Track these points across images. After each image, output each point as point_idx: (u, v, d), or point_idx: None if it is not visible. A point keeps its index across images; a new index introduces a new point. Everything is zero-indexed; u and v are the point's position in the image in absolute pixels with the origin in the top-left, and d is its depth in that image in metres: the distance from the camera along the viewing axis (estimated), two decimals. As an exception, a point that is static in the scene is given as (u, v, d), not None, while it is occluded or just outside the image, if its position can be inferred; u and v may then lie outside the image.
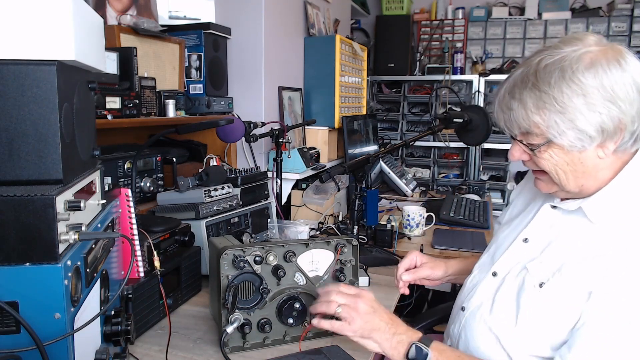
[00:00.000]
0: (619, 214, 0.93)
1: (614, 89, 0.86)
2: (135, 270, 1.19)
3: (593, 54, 0.88)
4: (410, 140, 1.97)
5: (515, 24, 4.12)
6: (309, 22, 2.70)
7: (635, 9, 3.78)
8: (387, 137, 3.82)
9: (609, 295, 0.87)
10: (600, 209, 0.95)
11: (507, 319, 1.02)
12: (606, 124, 0.87)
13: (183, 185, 1.57)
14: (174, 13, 2.07)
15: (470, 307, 1.13)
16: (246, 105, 2.25)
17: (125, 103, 1.53)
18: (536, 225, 1.07)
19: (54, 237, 0.68)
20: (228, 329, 1.08)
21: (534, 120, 0.91)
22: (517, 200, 1.25)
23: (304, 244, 1.19)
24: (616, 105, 0.87)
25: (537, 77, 0.90)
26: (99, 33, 0.94)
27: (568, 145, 0.91)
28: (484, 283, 1.13)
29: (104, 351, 0.84)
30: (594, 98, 0.86)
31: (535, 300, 0.97)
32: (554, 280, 0.95)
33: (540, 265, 1.00)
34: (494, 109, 1.01)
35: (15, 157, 0.72)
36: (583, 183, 0.95)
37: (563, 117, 0.88)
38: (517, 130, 0.96)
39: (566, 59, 0.89)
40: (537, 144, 0.94)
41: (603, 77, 0.86)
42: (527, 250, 1.06)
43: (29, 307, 0.67)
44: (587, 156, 0.92)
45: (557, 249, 0.99)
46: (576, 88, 0.87)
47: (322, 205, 2.25)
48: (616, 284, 0.87)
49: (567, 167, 0.94)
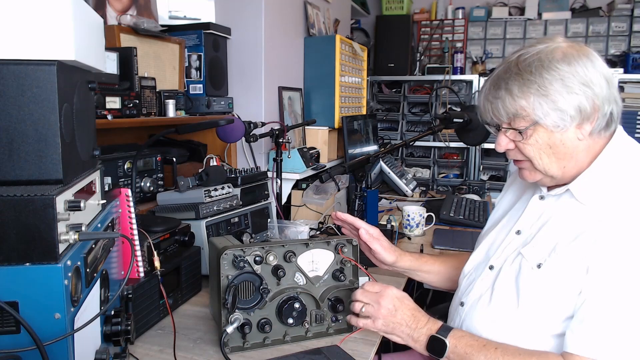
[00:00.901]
0: (605, 192, 0.99)
1: (586, 74, 0.97)
2: (135, 270, 1.19)
3: (564, 48, 1.00)
4: (410, 140, 1.97)
5: (515, 24, 4.12)
6: (309, 22, 2.70)
7: (635, 9, 3.78)
8: (387, 137, 3.82)
9: (607, 268, 0.93)
10: (587, 189, 1.02)
11: (509, 304, 1.06)
12: (583, 104, 0.97)
13: (183, 185, 1.57)
14: (174, 13, 2.07)
15: (469, 301, 1.15)
16: (246, 105, 2.25)
17: (125, 103, 1.53)
18: (527, 217, 1.13)
19: (54, 237, 0.68)
20: (228, 329, 1.08)
21: (520, 104, 1.00)
22: (501, 203, 1.30)
23: (304, 244, 1.19)
24: (590, 87, 0.97)
25: (519, 67, 1.00)
26: (99, 33, 0.94)
27: (552, 125, 0.99)
28: (481, 277, 1.16)
29: (104, 351, 0.84)
30: (571, 81, 0.97)
31: (535, 281, 1.02)
32: (550, 259, 1.01)
33: (533, 249, 1.06)
34: (480, 103, 1.09)
35: (15, 157, 0.72)
36: (565, 165, 1.03)
37: (546, 99, 0.98)
38: (505, 116, 1.03)
39: (542, 52, 1.00)
40: (524, 127, 1.01)
41: (576, 65, 0.97)
42: (521, 240, 1.12)
43: (29, 307, 0.68)
44: (567, 137, 1.00)
45: (549, 232, 1.05)
46: (554, 74, 0.97)
47: (322, 205, 2.25)
48: (612, 256, 0.92)
49: (550, 150, 1.02)
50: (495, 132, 1.08)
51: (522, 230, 1.13)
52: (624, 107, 3.35)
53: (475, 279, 1.17)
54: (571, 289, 0.97)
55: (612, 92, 1.00)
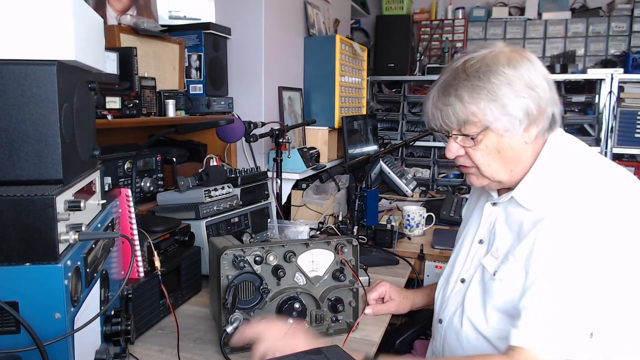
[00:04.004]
0: (545, 195, 1.01)
1: (530, 77, 0.99)
2: (135, 270, 1.19)
3: (506, 54, 1.01)
4: (410, 140, 1.97)
5: (515, 24, 4.11)
6: (309, 22, 2.70)
7: (635, 9, 3.77)
8: (387, 137, 3.81)
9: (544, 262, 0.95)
10: (528, 194, 1.04)
11: (478, 316, 1.08)
12: (530, 108, 0.99)
13: (183, 185, 1.56)
14: (174, 13, 2.07)
15: (446, 318, 1.17)
16: (246, 105, 2.24)
17: (125, 103, 1.53)
18: (484, 225, 1.16)
19: (54, 237, 0.68)
20: (228, 329, 1.08)
21: (470, 110, 1.01)
22: (466, 213, 1.33)
23: (304, 244, 1.19)
24: (534, 90, 0.99)
25: (467, 73, 1.01)
26: (99, 33, 0.94)
27: (502, 129, 1.00)
28: (454, 292, 1.18)
29: (104, 351, 0.84)
30: (517, 85, 0.98)
31: (494, 289, 1.04)
32: (503, 266, 1.04)
33: (491, 258, 1.09)
34: (428, 111, 1.09)
35: (15, 157, 0.72)
36: (512, 168, 1.05)
37: (496, 103, 0.99)
38: (455, 123, 1.04)
39: (487, 57, 1.01)
40: (475, 133, 1.02)
41: (519, 69, 0.99)
42: (483, 250, 1.14)
43: (29, 307, 0.67)
44: (516, 141, 1.02)
45: (503, 239, 1.08)
46: (502, 78, 0.98)
47: (322, 205, 2.25)
48: (548, 250, 0.95)
49: (498, 155, 1.04)
50: (444, 138, 1.09)
51: (483, 239, 1.15)
52: (624, 107, 3.38)
53: (449, 295, 1.19)
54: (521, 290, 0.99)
55: (553, 95, 1.02)
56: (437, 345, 1.20)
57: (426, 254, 1.91)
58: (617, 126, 3.41)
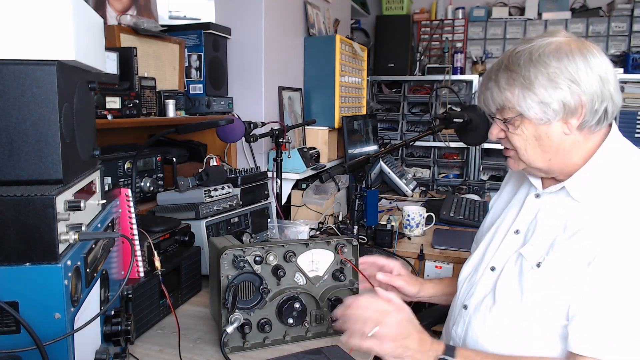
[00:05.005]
0: (601, 191, 1.00)
1: (575, 71, 0.98)
2: (135, 270, 1.19)
3: (558, 43, 1.01)
4: (410, 140, 1.97)
5: (515, 24, 4.11)
6: (309, 22, 2.70)
7: (635, 9, 3.77)
8: (387, 137, 3.81)
9: (608, 268, 0.93)
10: (582, 187, 1.03)
11: (512, 305, 1.06)
12: (567, 100, 0.98)
13: (183, 185, 1.56)
14: (174, 13, 2.07)
15: (473, 304, 1.15)
16: (246, 105, 2.24)
17: (125, 103, 1.53)
18: (524, 216, 1.14)
19: (54, 237, 0.68)
20: (228, 329, 1.08)
21: (505, 95, 1.03)
22: (498, 203, 1.31)
23: (304, 244, 1.19)
24: (576, 83, 0.98)
25: (509, 60, 1.03)
26: (99, 33, 0.94)
27: (535, 118, 1.01)
28: (482, 279, 1.16)
29: (104, 351, 0.84)
30: (556, 76, 0.98)
31: (536, 280, 1.03)
32: (549, 257, 1.02)
33: (532, 248, 1.07)
34: (478, 92, 1.14)
35: (15, 157, 0.72)
36: (550, 157, 1.05)
37: (529, 92, 1.00)
38: (493, 106, 1.07)
39: (535, 46, 1.02)
40: (510, 117, 1.05)
41: (565, 61, 0.98)
42: (520, 240, 1.12)
43: (29, 307, 0.67)
44: (553, 131, 1.02)
45: (546, 230, 1.06)
46: (541, 67, 0.99)
47: (322, 205, 2.25)
48: (613, 256, 0.93)
49: (536, 142, 1.04)
50: (491, 119, 1.12)
51: (520, 229, 1.14)
52: (624, 107, 3.38)
53: (477, 281, 1.17)
54: (571, 285, 0.97)
55: (607, 90, 0.99)
56: (459, 331, 1.17)
57: (426, 254, 1.91)
58: (617, 126, 3.41)
